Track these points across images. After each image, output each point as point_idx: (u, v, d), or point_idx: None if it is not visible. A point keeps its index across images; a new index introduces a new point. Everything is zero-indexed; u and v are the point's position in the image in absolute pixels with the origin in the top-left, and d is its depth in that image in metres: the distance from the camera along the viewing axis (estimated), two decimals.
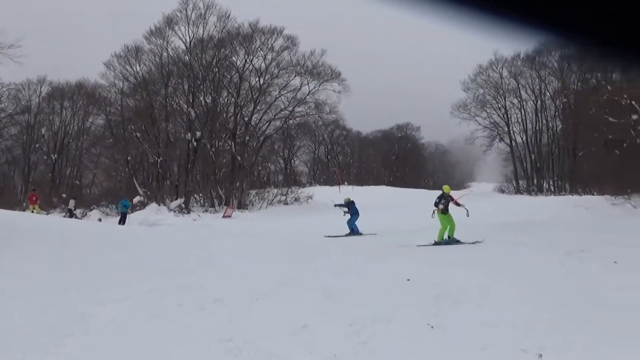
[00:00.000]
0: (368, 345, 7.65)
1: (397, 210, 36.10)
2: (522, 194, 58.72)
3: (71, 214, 36.20)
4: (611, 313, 8.73)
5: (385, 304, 9.85)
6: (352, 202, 25.88)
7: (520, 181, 64.51)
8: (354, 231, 24.37)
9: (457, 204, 19.02)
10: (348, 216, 25.10)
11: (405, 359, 6.95)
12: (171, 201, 41.94)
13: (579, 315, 8.72)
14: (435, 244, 18.14)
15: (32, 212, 31.85)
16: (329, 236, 23.10)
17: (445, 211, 18.78)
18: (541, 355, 6.70)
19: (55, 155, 63.21)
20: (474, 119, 67.61)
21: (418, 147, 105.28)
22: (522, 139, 66.58)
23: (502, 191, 61.74)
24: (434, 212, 19.01)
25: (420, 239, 18.86)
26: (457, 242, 18.06)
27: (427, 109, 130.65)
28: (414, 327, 8.37)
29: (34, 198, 35.12)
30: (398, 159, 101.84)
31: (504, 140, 67.65)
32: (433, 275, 12.62)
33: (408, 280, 12.31)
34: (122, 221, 31.54)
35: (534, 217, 17.88)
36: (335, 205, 27.24)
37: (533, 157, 64.60)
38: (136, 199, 43.52)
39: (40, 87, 63.18)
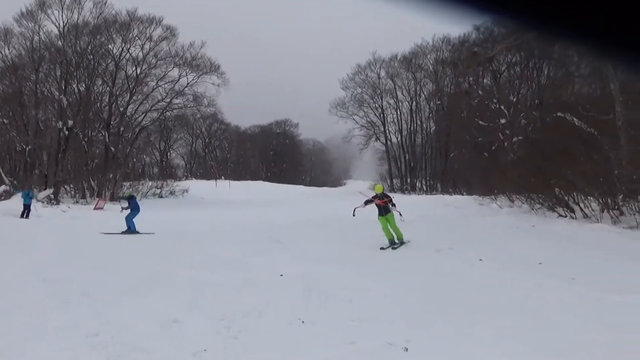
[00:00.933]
0: (238, 339, 7.66)
1: (274, 206, 36.21)
2: (396, 192, 60.24)
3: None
4: (474, 307, 9.14)
5: (256, 299, 9.90)
6: (133, 196, 24.28)
7: (394, 180, 66.21)
8: (130, 229, 22.27)
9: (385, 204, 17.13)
10: (127, 212, 22.85)
11: (275, 353, 7.00)
12: (39, 191, 40.32)
13: (444, 309, 9.08)
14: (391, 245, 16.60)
15: None
16: (105, 233, 21.75)
17: (382, 212, 16.98)
18: (407, 349, 6.92)
19: None
20: (352, 117, 68.92)
21: (296, 143, 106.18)
22: (397, 138, 68.52)
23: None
24: (354, 210, 17.37)
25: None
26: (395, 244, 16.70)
27: (306, 106, 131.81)
28: (284, 321, 8.45)
29: None
30: (276, 154, 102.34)
31: (379, 140, 69.36)
32: (305, 271, 12.78)
33: (281, 275, 12.42)
34: (26, 214, 29.45)
35: (405, 216, 18.40)
36: (120, 199, 25.61)
37: (407, 156, 66.55)
38: (1, 189, 41.56)
39: None
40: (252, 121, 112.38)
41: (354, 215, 17.32)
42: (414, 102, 66.83)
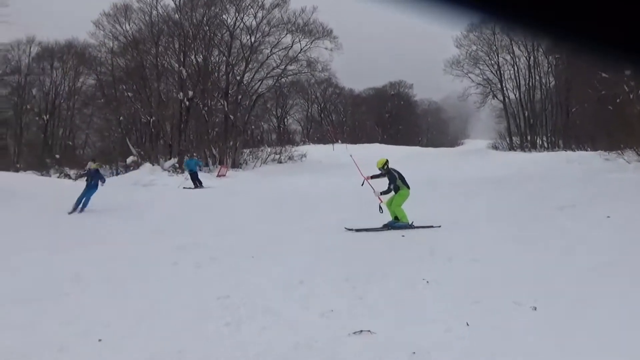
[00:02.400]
0: (364, 300, 7.73)
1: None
2: (515, 150, 58.65)
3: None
4: (605, 269, 8.81)
5: (379, 260, 9.95)
6: (97, 170, 21.05)
7: (513, 137, 64.43)
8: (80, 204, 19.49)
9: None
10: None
11: (401, 312, 7.03)
12: (165, 161, 41.83)
13: (572, 269, 8.82)
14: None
15: None
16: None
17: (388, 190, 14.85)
18: (535, 308, 6.78)
19: (47, 116, 62.77)
20: (467, 75, 67.21)
21: (411, 104, 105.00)
22: (515, 95, 66.34)
23: (496, 148, 61.58)
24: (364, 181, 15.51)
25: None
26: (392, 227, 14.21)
27: (420, 66, 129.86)
28: (409, 282, 8.46)
29: None
30: (391, 116, 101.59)
31: (497, 97, 67.43)
32: (427, 231, 12.71)
33: (402, 236, 12.42)
34: (197, 182, 30.55)
35: (527, 173, 17.84)
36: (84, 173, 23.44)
37: (526, 113, 64.43)
38: (129, 159, 43.42)
39: (30, 47, 62.46)
40: (366, 84, 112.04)
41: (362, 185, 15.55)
42: (531, 57, 64.46)
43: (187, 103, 45.66)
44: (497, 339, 5.92)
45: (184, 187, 29.01)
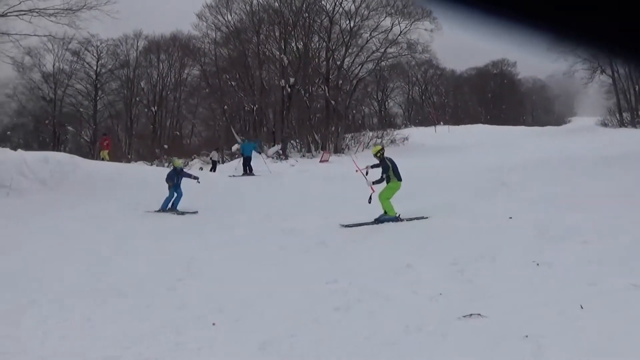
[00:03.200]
0: (473, 283, 7.70)
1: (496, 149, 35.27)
2: (626, 126, 56.36)
3: (214, 167, 34.69)
4: None
5: (487, 242, 9.85)
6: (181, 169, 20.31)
7: (624, 114, 61.87)
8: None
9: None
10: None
11: (512, 295, 6.95)
12: (269, 148, 42.50)
13: None
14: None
15: (103, 159, 32.21)
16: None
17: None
18: None
19: (155, 108, 64.91)
20: (573, 51, 64.95)
21: (514, 83, 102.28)
22: (625, 70, 63.63)
23: (605, 125, 59.26)
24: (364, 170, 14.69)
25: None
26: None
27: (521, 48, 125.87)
28: (518, 264, 8.35)
29: (105, 143, 34.89)
30: (494, 96, 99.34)
31: (605, 72, 64.83)
32: (534, 213, 12.45)
33: (510, 218, 12.22)
34: (247, 168, 28.47)
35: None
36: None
37: (637, 88, 61.77)
38: (234, 147, 44.32)
39: (137, 42, 64.81)
40: (467, 64, 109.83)
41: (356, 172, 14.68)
42: None
43: (289, 90, 46.16)
44: (614, 323, 5.76)
45: (231, 175, 27.61)
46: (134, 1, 49.74)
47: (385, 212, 13.49)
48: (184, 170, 20.29)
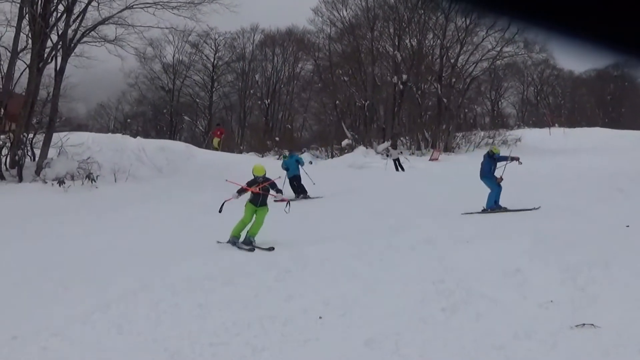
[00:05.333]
0: (585, 291, 7.51)
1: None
2: None
3: (397, 166, 32.32)
4: None
5: (602, 249, 9.57)
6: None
7: None
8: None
9: None
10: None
11: (627, 306, 6.74)
12: (378, 144, 42.50)
13: None
14: None
15: (217, 147, 32.88)
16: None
17: (257, 202, 12.46)
18: None
19: (268, 100, 65.92)
20: None
21: (636, 86, 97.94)
22: None
23: None
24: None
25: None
26: None
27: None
28: (634, 274, 8.08)
29: (218, 132, 35.60)
30: (614, 99, 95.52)
31: None
32: None
33: (627, 226, 11.83)
34: (299, 191, 26.35)
35: None
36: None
37: None
38: (345, 142, 44.59)
39: (254, 35, 65.89)
40: (587, 65, 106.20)
41: (220, 212, 12.28)
42: None
43: (401, 87, 46.00)
44: None
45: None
46: None
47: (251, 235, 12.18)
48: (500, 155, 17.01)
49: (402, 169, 30.57)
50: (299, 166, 21.81)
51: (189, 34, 53.67)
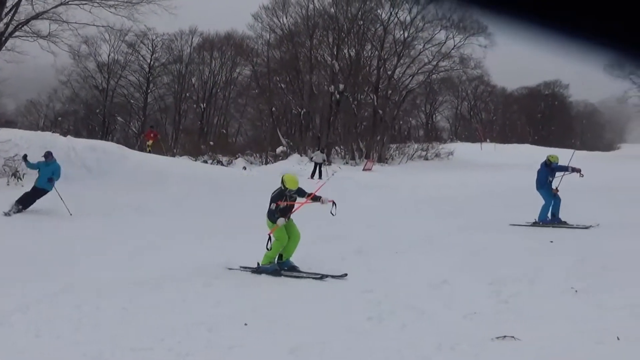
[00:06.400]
0: (509, 304, 7.62)
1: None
2: None
3: (316, 171, 31.67)
4: None
5: (527, 264, 9.74)
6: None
7: None
8: None
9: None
10: None
11: (548, 320, 6.85)
12: (313, 152, 42.62)
13: None
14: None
15: (148, 150, 32.34)
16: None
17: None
18: None
19: (204, 104, 65.46)
20: (629, 77, 63.83)
21: (565, 105, 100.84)
22: None
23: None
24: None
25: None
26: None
27: (577, 67, 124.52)
28: (557, 289, 8.23)
29: (152, 135, 34.87)
30: (544, 117, 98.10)
31: None
32: (577, 238, 12.30)
33: (551, 242, 12.08)
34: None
35: None
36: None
37: None
38: (279, 149, 44.57)
39: (192, 38, 65.29)
40: (519, 82, 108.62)
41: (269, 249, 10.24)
42: None
43: (338, 96, 46.25)
44: None
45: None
46: None
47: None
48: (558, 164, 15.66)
49: (320, 176, 29.93)
50: (50, 181, 16.44)
51: (125, 34, 52.68)
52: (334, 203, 10.30)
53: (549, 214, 14.93)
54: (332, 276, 9.28)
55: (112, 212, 16.18)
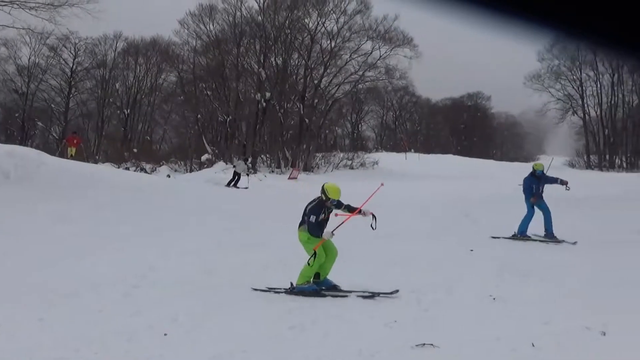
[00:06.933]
0: (429, 312, 7.71)
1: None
2: (593, 169, 57.27)
3: (233, 180, 30.14)
4: None
5: (446, 274, 9.87)
6: None
7: (591, 156, 62.91)
8: None
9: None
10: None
11: (466, 327, 6.97)
12: (238, 160, 42.42)
13: None
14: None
15: (70, 157, 31.51)
16: None
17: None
18: (604, 333, 6.63)
19: (128, 110, 64.43)
20: (547, 90, 65.90)
21: (488, 117, 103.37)
22: (596, 112, 64.75)
23: (573, 165, 60.13)
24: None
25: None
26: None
27: (500, 79, 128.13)
28: (475, 297, 8.38)
29: (74, 141, 33.91)
30: (467, 128, 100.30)
31: (577, 114, 66.01)
32: (496, 247, 12.55)
33: (471, 250, 12.29)
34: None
35: (604, 193, 17.30)
36: None
37: (606, 131, 62.84)
38: (204, 157, 44.20)
39: (116, 43, 64.20)
40: (443, 94, 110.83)
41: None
42: (615, 75, 62.75)
43: (264, 104, 46.26)
44: None
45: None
46: (116, 2, 49.61)
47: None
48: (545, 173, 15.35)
49: (236, 185, 28.98)
50: None
51: (47, 37, 51.53)
52: (373, 216, 9.49)
53: (545, 229, 14.15)
54: (384, 293, 8.65)
55: (31, 220, 15.70)
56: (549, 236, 13.96)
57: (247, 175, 29.36)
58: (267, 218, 17.81)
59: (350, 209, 9.55)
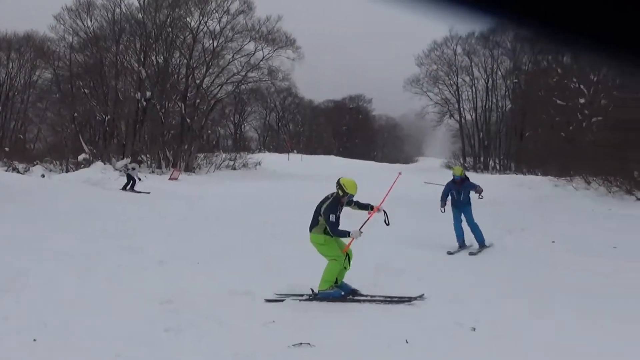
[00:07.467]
0: (307, 313, 7.77)
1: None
2: (468, 170, 59.25)
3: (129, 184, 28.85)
4: (546, 289, 9.02)
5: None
6: None
7: (467, 158, 65.31)
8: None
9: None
10: None
11: (342, 327, 7.08)
12: (117, 160, 41.37)
13: (515, 290, 8.99)
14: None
15: None
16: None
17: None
18: (474, 329, 6.88)
19: None
20: (426, 94, 68.06)
21: (369, 119, 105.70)
22: (471, 116, 67.43)
23: (449, 167, 62.11)
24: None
25: None
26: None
27: (381, 82, 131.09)
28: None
29: None
30: (349, 129, 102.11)
31: (453, 117, 68.53)
32: (374, 249, 12.77)
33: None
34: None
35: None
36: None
37: (481, 135, 65.46)
38: (81, 157, 42.83)
39: None
40: (325, 96, 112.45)
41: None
42: (490, 80, 65.44)
43: (144, 103, 45.36)
44: (439, 358, 6.04)
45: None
46: None
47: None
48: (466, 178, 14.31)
49: (132, 189, 28.30)
50: None
51: None
52: (385, 212, 9.27)
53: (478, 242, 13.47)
54: (411, 298, 8.31)
55: None
56: (482, 246, 13.37)
57: (140, 179, 28.54)
58: (146, 222, 17.48)
59: (360, 206, 9.33)
